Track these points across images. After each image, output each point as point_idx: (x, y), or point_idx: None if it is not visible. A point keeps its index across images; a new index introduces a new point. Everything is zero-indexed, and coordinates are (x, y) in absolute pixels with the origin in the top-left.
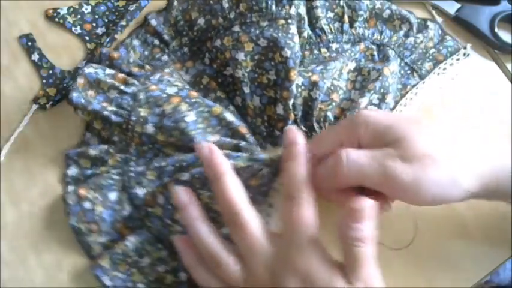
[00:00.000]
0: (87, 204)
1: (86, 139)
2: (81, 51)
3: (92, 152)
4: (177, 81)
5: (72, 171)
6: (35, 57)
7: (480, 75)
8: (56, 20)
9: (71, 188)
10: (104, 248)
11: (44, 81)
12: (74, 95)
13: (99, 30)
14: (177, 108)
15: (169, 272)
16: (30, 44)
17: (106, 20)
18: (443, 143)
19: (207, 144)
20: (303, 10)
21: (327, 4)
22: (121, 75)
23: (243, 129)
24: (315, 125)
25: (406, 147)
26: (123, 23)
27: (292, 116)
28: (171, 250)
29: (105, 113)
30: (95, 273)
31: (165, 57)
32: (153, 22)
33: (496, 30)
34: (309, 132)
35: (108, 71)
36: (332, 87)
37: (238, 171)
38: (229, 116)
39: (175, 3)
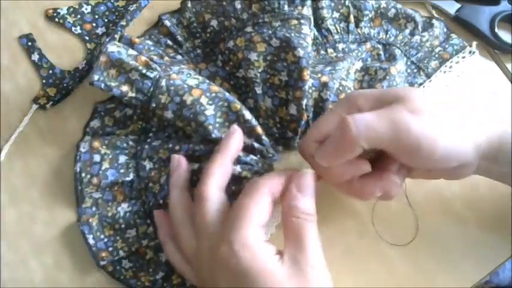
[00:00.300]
0: (96, 157)
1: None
2: (81, 51)
3: (118, 113)
4: (197, 74)
5: (95, 123)
6: (35, 57)
7: (480, 75)
8: (56, 20)
9: (87, 137)
10: (94, 204)
11: (44, 81)
12: (95, 77)
13: (99, 30)
14: (198, 100)
15: (151, 248)
16: (30, 44)
17: (106, 20)
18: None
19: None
20: (309, 11)
21: (333, 4)
22: (143, 58)
23: (259, 129)
24: None
25: (410, 102)
26: (123, 23)
27: (305, 117)
28: (156, 229)
29: (126, 99)
30: (81, 229)
31: (178, 57)
32: (167, 23)
33: (496, 30)
34: None
35: (131, 51)
36: (341, 88)
37: (242, 180)
38: (248, 115)
39: (189, 4)
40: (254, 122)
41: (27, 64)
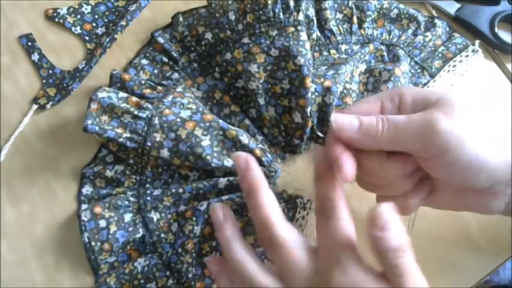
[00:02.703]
0: (102, 222)
1: (101, 155)
2: (81, 51)
3: (109, 173)
4: (190, 103)
5: (87, 189)
6: (35, 57)
7: (480, 75)
8: (56, 20)
9: (84, 206)
10: (111, 268)
11: (44, 81)
12: (89, 122)
13: (99, 30)
14: (193, 133)
15: None
16: (30, 44)
17: (106, 20)
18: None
19: (244, 156)
20: (312, 12)
21: (336, 5)
22: (134, 99)
23: (258, 151)
24: None
25: (449, 106)
26: (123, 23)
27: (310, 123)
28: (178, 279)
29: (120, 140)
30: None
31: (175, 75)
32: (160, 39)
33: (496, 30)
34: (326, 139)
35: (121, 94)
36: (345, 91)
37: None
38: (244, 139)
39: (181, 18)
40: (252, 145)
41: (27, 64)
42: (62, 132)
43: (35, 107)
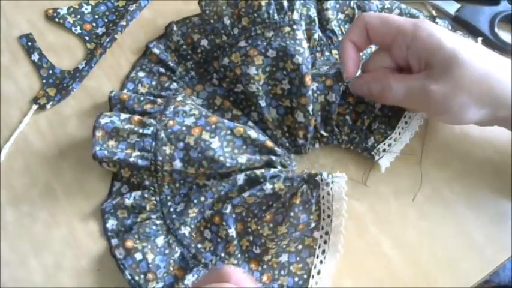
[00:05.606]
0: (138, 255)
1: (115, 189)
2: (81, 51)
3: (128, 201)
4: (193, 109)
5: (111, 223)
6: (35, 57)
7: None
8: (56, 20)
9: (114, 241)
10: None
11: (44, 81)
12: (96, 149)
13: (99, 30)
14: (200, 137)
15: None
16: (30, 44)
17: (106, 20)
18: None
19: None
20: (313, 12)
21: (338, 5)
22: (137, 118)
23: (270, 143)
24: (335, 129)
25: (446, 73)
26: (123, 23)
27: (313, 122)
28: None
29: (131, 159)
30: None
31: (174, 85)
32: (156, 50)
33: (496, 30)
34: (330, 138)
35: (123, 116)
36: (347, 91)
37: (279, 193)
38: (253, 134)
39: (175, 27)
40: (262, 137)
41: (27, 64)
42: (62, 132)
43: (35, 107)
